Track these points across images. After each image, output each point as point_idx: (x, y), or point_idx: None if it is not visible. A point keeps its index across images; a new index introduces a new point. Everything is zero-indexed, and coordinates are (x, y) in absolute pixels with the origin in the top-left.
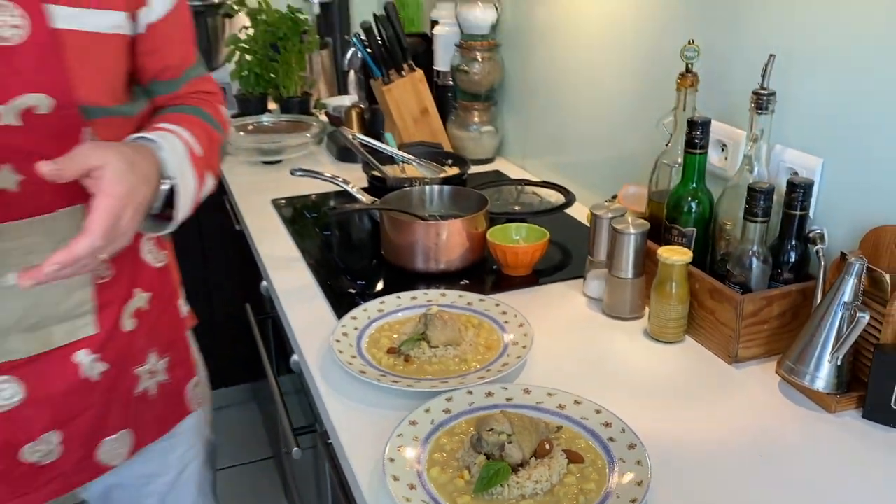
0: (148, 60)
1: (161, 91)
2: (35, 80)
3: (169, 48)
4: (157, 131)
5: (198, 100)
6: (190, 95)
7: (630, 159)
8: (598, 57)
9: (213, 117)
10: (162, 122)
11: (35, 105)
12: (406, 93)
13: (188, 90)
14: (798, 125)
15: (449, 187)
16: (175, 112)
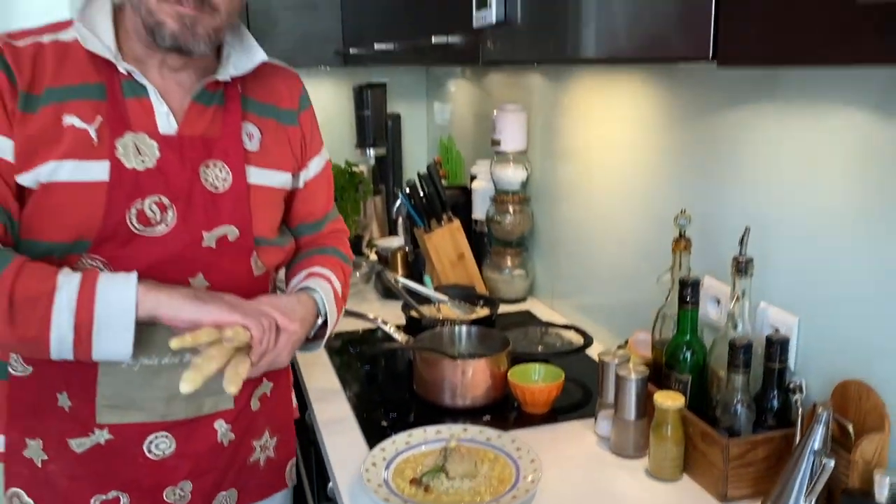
0: (301, 207)
1: (307, 232)
2: (230, 217)
3: (316, 198)
4: (314, 278)
5: (334, 238)
6: (328, 235)
7: (642, 306)
8: (612, 213)
9: (346, 255)
10: (316, 265)
11: (227, 234)
12: (444, 240)
13: (327, 230)
14: (777, 285)
15: (476, 328)
16: (323, 254)
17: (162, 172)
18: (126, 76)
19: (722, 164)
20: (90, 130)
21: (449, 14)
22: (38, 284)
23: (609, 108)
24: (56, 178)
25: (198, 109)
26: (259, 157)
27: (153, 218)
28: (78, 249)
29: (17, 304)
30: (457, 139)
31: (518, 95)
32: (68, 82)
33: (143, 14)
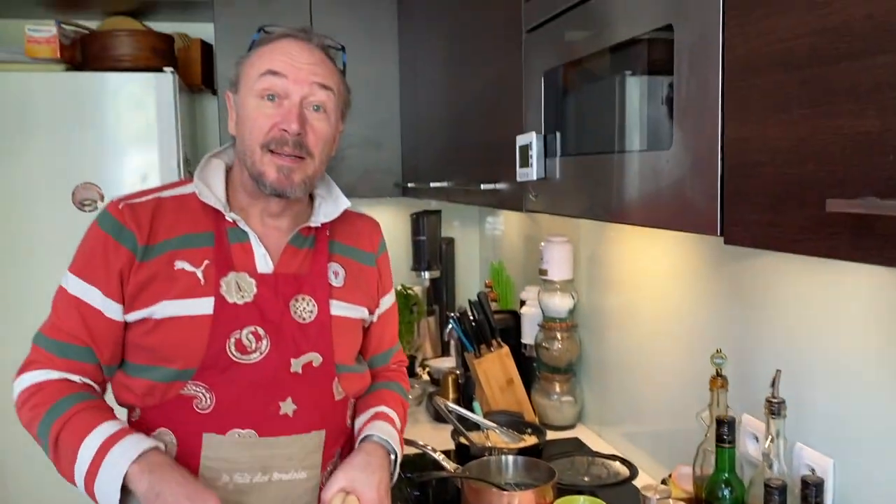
0: (372, 339)
1: (376, 364)
2: (315, 345)
3: (384, 332)
4: (380, 420)
5: (397, 371)
6: (391, 367)
7: (687, 438)
8: (657, 344)
9: (406, 391)
10: (382, 404)
11: (312, 360)
12: (494, 365)
13: (392, 361)
14: (813, 427)
15: (523, 458)
16: (387, 389)
17: (258, 306)
18: (232, 224)
19: (754, 306)
20: (198, 273)
21: (496, 165)
22: (71, 442)
23: (650, 244)
24: (166, 315)
25: (291, 251)
26: (342, 292)
27: (249, 346)
28: (184, 377)
29: (58, 450)
30: (507, 264)
31: (566, 227)
32: (182, 232)
33: (248, 165)
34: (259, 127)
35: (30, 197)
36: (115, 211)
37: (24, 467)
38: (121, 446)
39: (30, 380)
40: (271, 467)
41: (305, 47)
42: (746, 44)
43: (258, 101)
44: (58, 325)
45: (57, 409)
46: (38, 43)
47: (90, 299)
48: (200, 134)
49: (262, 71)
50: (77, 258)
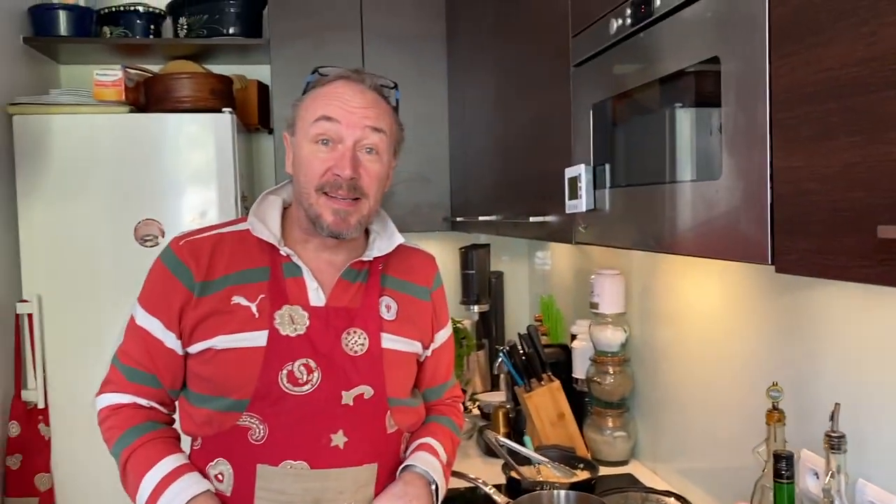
0: (426, 373)
1: (430, 397)
2: (366, 377)
3: (439, 366)
4: (423, 451)
5: (450, 405)
6: (445, 401)
7: (744, 474)
8: (711, 378)
9: (457, 425)
10: (429, 436)
11: (363, 392)
12: (544, 399)
13: (447, 395)
14: (877, 462)
15: (575, 493)
16: (438, 424)
17: (310, 338)
18: (286, 259)
19: (810, 337)
20: (252, 308)
21: (545, 198)
22: (136, 472)
23: (703, 277)
24: (223, 346)
25: (344, 285)
26: (394, 325)
27: (301, 378)
28: (239, 408)
29: (126, 476)
30: (557, 298)
31: (617, 260)
32: (239, 268)
33: (305, 207)
34: (314, 171)
35: (95, 232)
36: (176, 247)
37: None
38: (178, 485)
39: (107, 401)
40: (323, 500)
41: (358, 90)
42: (793, 74)
43: (313, 146)
44: (127, 351)
45: (126, 438)
46: (105, 86)
47: (153, 329)
48: (257, 172)
49: (317, 116)
50: (144, 289)
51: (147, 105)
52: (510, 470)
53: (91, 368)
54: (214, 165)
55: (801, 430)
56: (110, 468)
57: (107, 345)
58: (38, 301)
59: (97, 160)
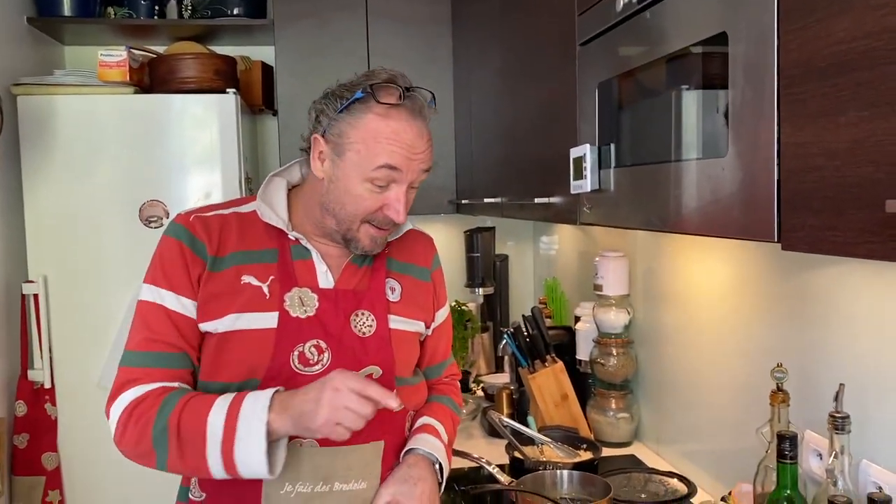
0: (427, 352)
1: (430, 376)
2: (375, 357)
3: (438, 344)
4: (425, 433)
5: (449, 383)
6: (444, 380)
7: (747, 456)
8: (715, 359)
9: (457, 403)
10: (431, 416)
11: (372, 373)
12: (548, 381)
13: (445, 374)
14: (880, 443)
15: (578, 472)
16: (436, 402)
17: (320, 320)
18: (294, 241)
19: (815, 319)
20: (263, 288)
21: (550, 179)
22: (196, 422)
23: (706, 258)
24: (234, 328)
25: (352, 269)
26: (399, 307)
27: (312, 359)
28: (248, 387)
29: (182, 439)
30: (561, 281)
31: (620, 241)
32: (248, 248)
33: (342, 228)
34: (365, 208)
35: (100, 213)
36: (186, 222)
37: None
38: (247, 407)
39: (127, 399)
40: (332, 477)
41: (417, 130)
42: (802, 48)
43: (369, 186)
44: (150, 337)
45: (167, 406)
46: (110, 67)
47: (180, 307)
48: (261, 153)
49: (381, 164)
50: (156, 270)
51: (151, 86)
52: (514, 450)
53: (96, 348)
54: (218, 146)
55: (805, 412)
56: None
57: (112, 325)
58: (44, 282)
59: (102, 141)
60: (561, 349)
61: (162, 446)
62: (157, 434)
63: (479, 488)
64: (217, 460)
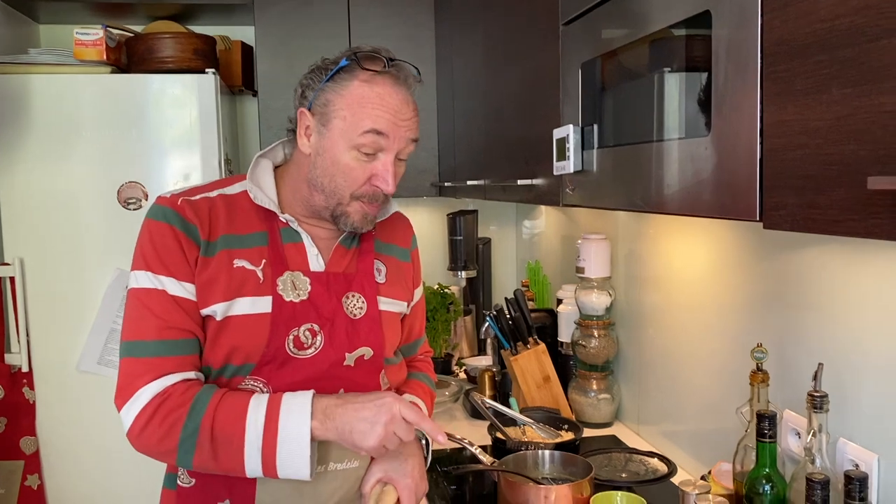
0: (405, 331)
1: (406, 353)
2: (366, 339)
3: (415, 322)
4: None
5: (423, 361)
6: (419, 357)
7: (727, 435)
8: (695, 340)
9: (433, 380)
10: (412, 393)
11: (364, 354)
12: (530, 362)
13: (420, 352)
14: (857, 422)
15: (560, 453)
16: (416, 380)
17: (313, 303)
18: (284, 224)
19: (795, 299)
20: (257, 272)
21: (533, 161)
22: (232, 424)
23: (687, 240)
24: (231, 312)
25: (341, 251)
26: (386, 287)
27: (306, 342)
28: (243, 372)
29: (216, 441)
30: (544, 263)
31: (603, 224)
32: (239, 231)
33: (331, 203)
34: (354, 179)
35: (76, 195)
36: (175, 206)
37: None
38: (288, 413)
39: (149, 394)
40: (327, 457)
41: (404, 98)
42: (785, 26)
43: (356, 154)
44: (162, 325)
45: (198, 405)
46: (86, 46)
47: (183, 292)
48: (241, 134)
49: (367, 129)
50: (151, 257)
51: (129, 65)
52: (496, 431)
53: (75, 332)
54: (198, 127)
55: (784, 391)
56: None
57: (91, 308)
58: (21, 264)
59: (79, 121)
60: (543, 331)
61: (190, 446)
62: (186, 435)
63: (461, 469)
64: (256, 463)
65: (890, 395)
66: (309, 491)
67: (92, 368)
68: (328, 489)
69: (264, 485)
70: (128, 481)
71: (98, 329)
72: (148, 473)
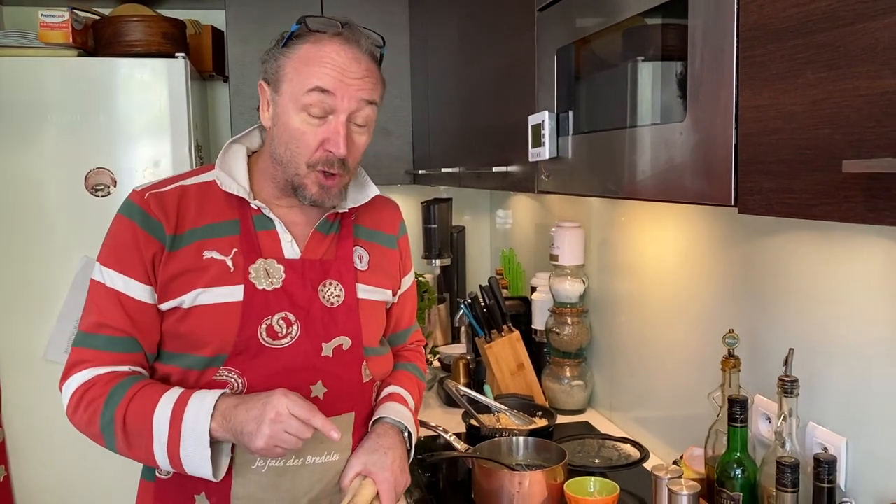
0: (392, 319)
1: (395, 342)
2: (344, 328)
3: (404, 311)
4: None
5: (414, 350)
6: (409, 347)
7: (699, 421)
8: (668, 327)
9: (423, 371)
10: (395, 384)
11: (342, 344)
12: (504, 350)
13: (410, 341)
14: (825, 406)
15: (534, 439)
16: (401, 370)
17: (287, 292)
18: (257, 211)
19: (767, 285)
20: (227, 261)
21: (508, 148)
22: (142, 418)
23: (660, 228)
24: (198, 303)
25: (318, 237)
26: (367, 275)
27: (280, 332)
28: (216, 363)
29: (128, 434)
30: (518, 251)
31: (576, 212)
32: (208, 221)
33: (289, 174)
34: (307, 145)
35: (42, 182)
36: (141, 201)
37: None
38: (191, 414)
39: (78, 381)
40: (304, 450)
41: (353, 56)
42: (761, 10)
43: (304, 116)
44: (99, 321)
45: (114, 397)
46: (51, 28)
47: (129, 290)
48: (212, 120)
49: (311, 86)
50: (107, 250)
51: (96, 49)
52: (470, 418)
53: (41, 320)
54: (167, 113)
55: (756, 378)
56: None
57: (58, 297)
58: None
59: (45, 105)
60: (517, 319)
61: (110, 435)
62: (104, 424)
63: (436, 456)
64: (164, 458)
65: (858, 380)
66: (286, 485)
67: (59, 357)
68: (306, 483)
69: (240, 478)
70: (102, 472)
71: (65, 317)
72: (123, 464)
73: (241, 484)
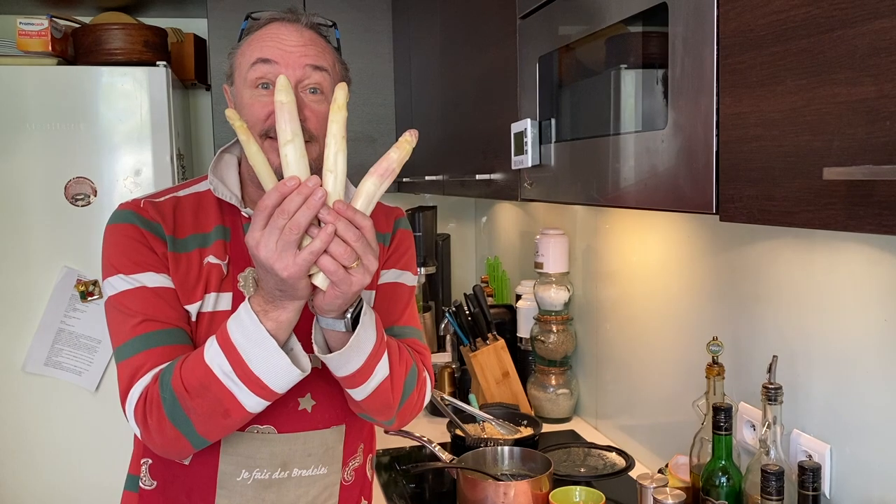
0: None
1: None
2: None
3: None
4: None
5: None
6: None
7: (684, 428)
8: (652, 335)
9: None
10: None
11: None
12: (489, 358)
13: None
14: (809, 413)
15: (519, 448)
16: None
17: None
18: (247, 219)
19: (750, 294)
20: (223, 265)
21: (492, 156)
22: (199, 375)
23: (644, 235)
24: (202, 310)
25: None
26: None
27: None
28: None
29: (194, 395)
30: (503, 259)
31: (561, 220)
32: (206, 229)
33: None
34: (255, 115)
35: (22, 191)
36: (136, 207)
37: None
38: (237, 330)
39: (136, 394)
40: (291, 463)
41: (294, 29)
42: (741, 17)
43: (252, 91)
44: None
45: (164, 378)
46: (30, 36)
47: (160, 281)
48: (194, 129)
49: (253, 60)
50: (114, 258)
51: (76, 57)
52: (455, 428)
53: (21, 331)
54: (149, 122)
55: (740, 385)
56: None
57: (37, 307)
58: None
59: (24, 114)
60: (502, 327)
61: (181, 417)
62: (168, 408)
63: (420, 467)
64: (244, 391)
65: (841, 387)
66: (272, 498)
67: (38, 370)
68: (291, 496)
69: (224, 490)
70: (83, 486)
71: (44, 329)
72: (105, 476)
73: (225, 496)
